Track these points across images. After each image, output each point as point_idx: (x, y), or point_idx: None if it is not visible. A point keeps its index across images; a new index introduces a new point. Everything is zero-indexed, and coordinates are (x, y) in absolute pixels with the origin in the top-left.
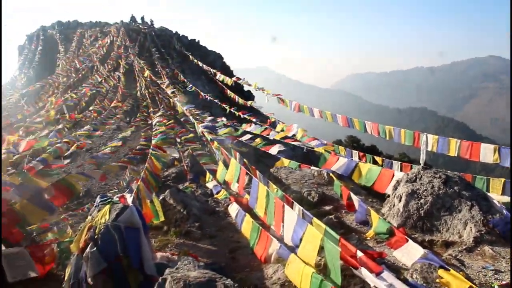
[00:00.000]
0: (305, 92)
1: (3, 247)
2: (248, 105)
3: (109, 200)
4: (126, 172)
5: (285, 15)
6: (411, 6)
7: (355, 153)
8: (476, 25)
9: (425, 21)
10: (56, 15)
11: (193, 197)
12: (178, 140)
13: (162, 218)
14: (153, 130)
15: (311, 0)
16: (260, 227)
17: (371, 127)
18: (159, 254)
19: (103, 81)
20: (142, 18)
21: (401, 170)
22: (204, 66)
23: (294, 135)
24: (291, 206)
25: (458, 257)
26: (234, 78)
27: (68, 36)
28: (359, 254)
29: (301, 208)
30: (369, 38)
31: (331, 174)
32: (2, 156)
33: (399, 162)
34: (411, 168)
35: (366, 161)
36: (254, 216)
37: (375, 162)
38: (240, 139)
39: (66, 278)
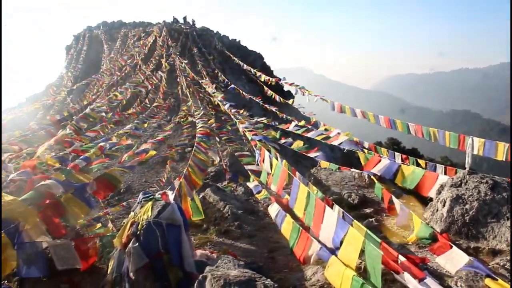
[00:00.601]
0: (345, 93)
1: (48, 239)
2: (290, 104)
3: (152, 196)
4: (166, 170)
5: (324, 15)
6: (455, 5)
7: (398, 155)
8: None
9: (472, 20)
10: (103, 16)
11: (233, 196)
12: (218, 139)
13: (201, 216)
14: (194, 128)
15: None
16: (301, 228)
17: (414, 129)
18: (198, 252)
19: (145, 80)
20: (184, 18)
21: (445, 174)
22: (245, 66)
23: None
24: (332, 208)
25: (506, 266)
26: (274, 79)
27: (113, 36)
28: (401, 258)
29: (342, 210)
30: (411, 38)
31: (372, 177)
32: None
33: (443, 166)
34: (456, 172)
35: (409, 164)
36: (294, 217)
37: (418, 165)
38: (279, 140)
39: (108, 271)
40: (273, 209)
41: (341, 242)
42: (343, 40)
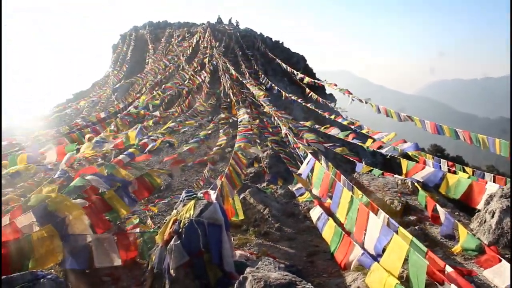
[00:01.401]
0: (388, 97)
1: (91, 233)
2: (332, 107)
3: (194, 195)
4: (206, 169)
5: (369, 18)
6: (502, 6)
7: (443, 162)
8: None
9: None
10: (149, 16)
11: (273, 198)
12: (259, 140)
13: (241, 217)
14: (236, 129)
15: (395, 3)
16: (343, 233)
17: (463, 135)
18: (238, 252)
19: (188, 79)
20: (230, 20)
21: (494, 182)
22: (288, 67)
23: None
24: (376, 214)
25: None
26: (318, 83)
27: (158, 35)
28: (448, 269)
29: (387, 216)
30: (457, 43)
31: (416, 184)
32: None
33: (492, 175)
34: (506, 182)
35: (455, 172)
36: (337, 221)
37: (465, 173)
38: (323, 144)
39: (149, 267)
40: (315, 213)
41: (383, 249)
42: (387, 43)
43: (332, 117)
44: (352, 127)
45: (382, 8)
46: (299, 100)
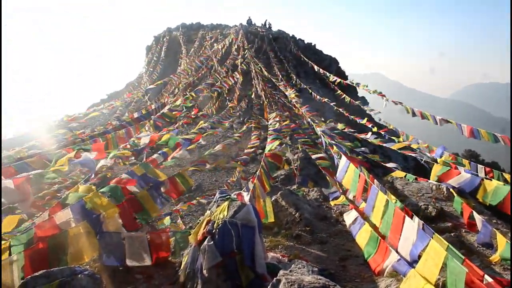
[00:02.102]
0: (421, 100)
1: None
2: (364, 110)
3: (228, 196)
4: (236, 171)
5: (401, 20)
6: None
7: (481, 168)
8: None
9: None
10: (183, 18)
11: (305, 201)
12: (290, 142)
13: (271, 219)
14: (268, 131)
15: (429, 5)
16: (380, 238)
17: (502, 139)
18: (270, 254)
19: (220, 81)
20: (265, 22)
21: None
22: (320, 70)
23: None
24: (411, 219)
25: None
26: (350, 83)
27: (191, 37)
28: (488, 279)
29: (422, 221)
30: (495, 44)
31: (451, 190)
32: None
33: None
34: None
35: (493, 178)
36: (372, 226)
37: (504, 180)
38: (356, 148)
39: (182, 267)
40: (350, 216)
41: (419, 255)
42: (420, 46)
43: (364, 121)
44: (382, 131)
45: (417, 10)
46: (331, 104)
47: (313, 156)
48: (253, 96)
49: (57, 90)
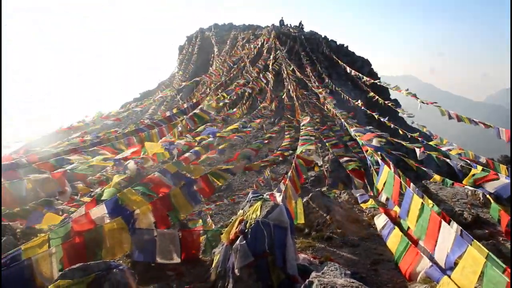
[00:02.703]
0: (454, 104)
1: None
2: (396, 113)
3: (261, 196)
4: (266, 171)
5: (434, 21)
6: None
7: None
8: None
9: None
10: (215, 18)
11: (337, 203)
12: (320, 144)
13: (301, 221)
14: (299, 132)
15: (461, 6)
16: (409, 242)
17: None
18: (301, 256)
19: (252, 82)
20: (300, 23)
21: None
22: (352, 71)
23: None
24: (449, 224)
25: None
26: (384, 86)
27: (223, 37)
28: None
29: (460, 227)
30: None
31: (488, 196)
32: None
33: None
34: None
35: None
36: (403, 230)
37: None
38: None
39: (213, 265)
40: (380, 220)
41: (455, 262)
42: (454, 48)
43: (415, 134)
44: (417, 136)
45: (451, 10)
46: (362, 108)
47: (342, 160)
48: (284, 97)
49: (90, 89)
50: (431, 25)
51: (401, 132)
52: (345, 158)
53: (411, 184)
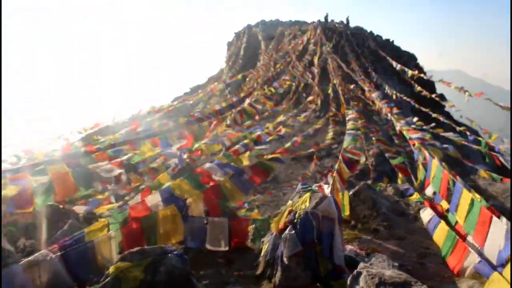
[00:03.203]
0: (508, 99)
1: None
2: (442, 108)
3: (309, 188)
4: (312, 164)
5: (482, 14)
6: None
7: None
8: None
9: None
10: (262, 15)
11: (383, 196)
12: (365, 138)
13: (347, 213)
14: (344, 126)
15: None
16: (457, 237)
17: None
18: (348, 247)
19: (298, 76)
20: (347, 19)
21: None
22: (398, 66)
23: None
24: (499, 219)
25: None
26: (430, 80)
27: (270, 33)
28: None
29: (510, 222)
30: None
31: None
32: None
33: None
34: None
35: None
36: (449, 224)
37: None
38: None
39: (262, 253)
40: (426, 214)
41: (507, 259)
42: (506, 41)
43: (461, 128)
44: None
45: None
46: (409, 101)
47: (387, 154)
48: (330, 91)
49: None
50: (482, 18)
51: (449, 125)
52: (391, 152)
53: (459, 178)
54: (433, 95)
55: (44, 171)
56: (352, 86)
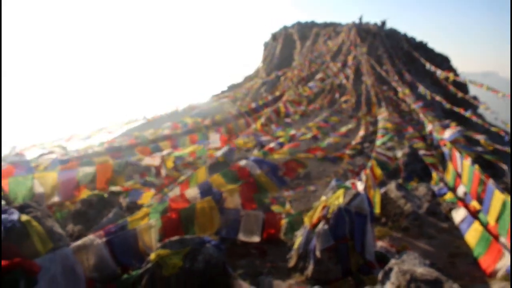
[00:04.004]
0: None
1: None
2: (475, 109)
3: (343, 185)
4: (343, 162)
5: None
6: None
7: None
8: None
9: None
10: (298, 16)
11: (414, 195)
12: (397, 138)
13: (377, 210)
14: (376, 125)
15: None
16: (491, 238)
17: None
18: (378, 243)
19: (332, 77)
20: (383, 22)
21: None
22: (432, 67)
23: None
24: None
25: None
26: (463, 82)
27: (305, 34)
28: None
29: None
30: None
31: None
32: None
33: None
34: None
35: None
36: (483, 224)
37: None
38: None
39: (295, 246)
40: (459, 214)
41: None
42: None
43: (496, 129)
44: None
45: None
46: (442, 103)
47: (420, 153)
48: (363, 91)
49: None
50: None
51: (482, 126)
52: (423, 152)
53: (491, 180)
54: (467, 97)
55: (90, 163)
56: (385, 87)
